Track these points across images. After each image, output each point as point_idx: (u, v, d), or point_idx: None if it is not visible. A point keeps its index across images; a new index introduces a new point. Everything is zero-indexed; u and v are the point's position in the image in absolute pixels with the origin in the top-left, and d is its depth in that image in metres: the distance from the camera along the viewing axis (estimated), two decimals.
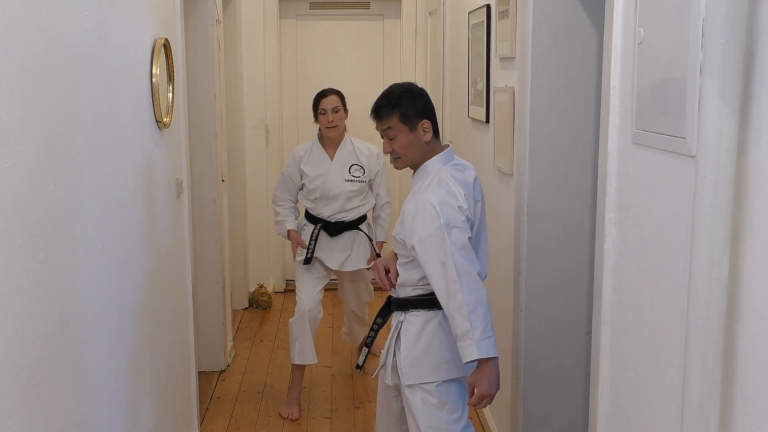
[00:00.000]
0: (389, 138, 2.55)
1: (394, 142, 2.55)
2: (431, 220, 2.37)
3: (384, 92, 2.61)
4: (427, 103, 2.57)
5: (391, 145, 2.56)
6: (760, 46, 1.27)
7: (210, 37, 4.22)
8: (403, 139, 2.54)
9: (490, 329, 2.35)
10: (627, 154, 1.86)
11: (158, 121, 2.71)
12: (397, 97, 2.55)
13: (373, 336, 2.76)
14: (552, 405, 3.02)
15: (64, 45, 1.77)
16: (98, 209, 2.01)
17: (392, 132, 2.53)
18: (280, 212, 4.01)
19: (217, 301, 4.39)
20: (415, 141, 2.53)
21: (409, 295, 2.54)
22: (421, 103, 2.55)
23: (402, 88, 2.59)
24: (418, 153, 2.55)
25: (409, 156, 2.56)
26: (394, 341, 2.62)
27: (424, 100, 2.57)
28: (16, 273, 1.46)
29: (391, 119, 2.53)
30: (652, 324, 1.72)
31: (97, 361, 1.97)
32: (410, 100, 2.54)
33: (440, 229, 2.35)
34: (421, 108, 2.54)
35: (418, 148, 2.54)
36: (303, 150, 4.00)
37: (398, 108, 2.53)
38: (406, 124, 2.52)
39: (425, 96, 2.59)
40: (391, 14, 6.02)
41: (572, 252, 2.91)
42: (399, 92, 2.57)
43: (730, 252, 1.32)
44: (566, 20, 2.77)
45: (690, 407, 1.37)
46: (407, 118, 2.52)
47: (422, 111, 2.54)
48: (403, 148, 2.55)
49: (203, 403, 3.93)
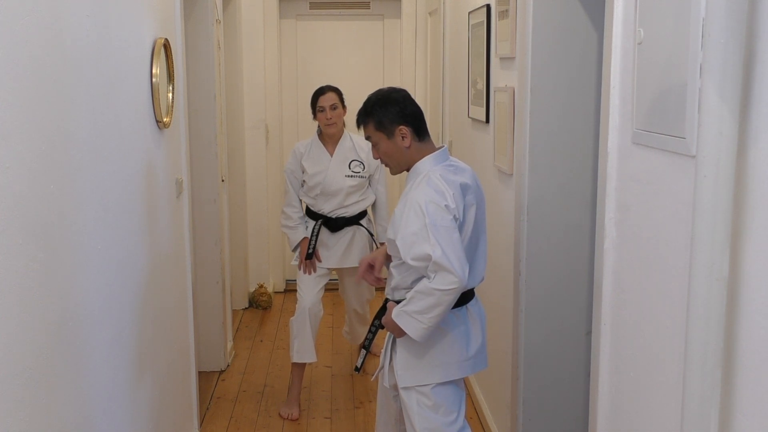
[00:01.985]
0: (373, 145, 2.59)
1: (377, 149, 2.58)
2: (416, 219, 2.37)
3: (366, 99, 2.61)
4: (405, 108, 2.53)
5: (377, 152, 2.59)
6: (760, 46, 1.27)
7: (210, 37, 4.22)
8: (384, 147, 2.56)
9: (427, 321, 2.39)
10: (627, 154, 1.85)
11: (158, 121, 2.71)
12: (371, 105, 2.56)
13: (370, 338, 2.77)
14: (552, 405, 3.02)
15: (64, 45, 1.77)
16: (98, 209, 2.01)
17: (373, 140, 2.57)
18: (292, 217, 4.00)
19: (217, 301, 4.39)
20: (395, 147, 2.54)
21: (403, 297, 2.53)
22: (395, 108, 2.52)
23: (377, 95, 2.58)
24: (402, 158, 2.55)
25: (393, 162, 2.58)
26: (390, 343, 2.62)
27: (400, 105, 2.53)
28: (16, 273, 1.46)
29: (368, 128, 2.56)
30: (652, 324, 1.72)
31: (97, 361, 1.97)
32: (383, 108, 2.53)
33: (425, 228, 2.34)
34: (396, 114, 2.51)
35: (400, 154, 2.54)
36: (303, 146, 4.01)
37: (371, 117, 2.54)
38: (381, 132, 2.54)
39: (402, 101, 2.55)
40: (391, 14, 6.02)
41: (572, 252, 2.91)
42: (373, 100, 2.57)
43: (730, 252, 1.32)
44: (566, 20, 2.77)
45: (690, 407, 1.37)
46: (382, 126, 2.53)
47: (398, 117, 2.51)
48: (386, 156, 2.58)
49: (203, 403, 3.93)
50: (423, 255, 2.33)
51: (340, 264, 4.03)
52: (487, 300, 3.65)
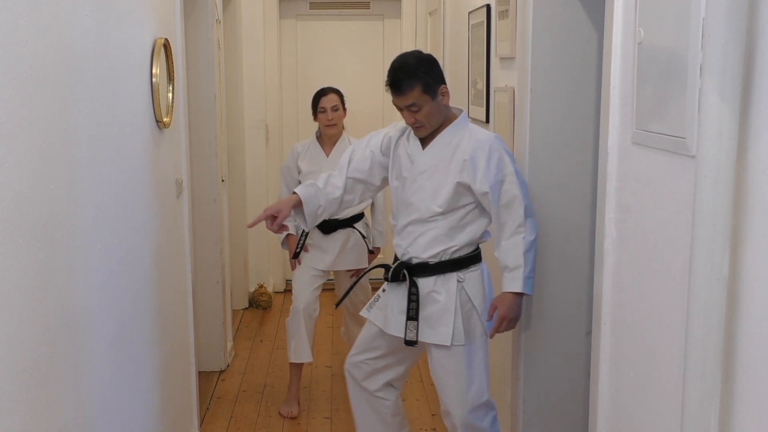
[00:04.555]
0: (414, 110, 2.59)
1: (417, 113, 2.59)
2: (502, 165, 2.58)
3: (398, 65, 2.62)
4: (439, 67, 2.66)
5: (414, 116, 2.60)
6: (760, 46, 1.27)
7: (210, 37, 4.22)
8: (427, 108, 2.59)
9: (534, 271, 2.62)
10: (627, 154, 1.85)
11: (158, 121, 2.71)
12: (415, 68, 2.58)
13: (415, 307, 2.70)
14: (552, 405, 3.02)
15: (64, 45, 1.77)
16: (98, 209, 2.01)
17: (418, 104, 2.58)
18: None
19: (217, 301, 4.39)
20: (438, 107, 2.61)
21: (465, 253, 2.69)
22: (437, 69, 2.63)
23: (417, 58, 2.63)
24: (441, 117, 2.65)
25: (434, 122, 2.64)
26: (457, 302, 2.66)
27: (437, 64, 2.65)
28: (16, 273, 1.46)
29: (413, 92, 2.57)
30: (652, 324, 1.72)
31: (97, 361, 1.97)
32: (428, 70, 2.59)
33: (513, 174, 2.57)
34: (438, 74, 2.62)
35: (441, 113, 2.64)
36: (301, 146, 4.02)
37: (418, 80, 2.56)
38: (428, 94, 2.57)
39: (436, 61, 2.67)
40: (391, 14, 6.02)
41: (572, 252, 2.91)
42: (415, 63, 2.60)
43: (730, 252, 1.32)
44: (566, 20, 2.77)
45: (690, 407, 1.37)
46: (429, 88, 2.58)
47: (440, 76, 2.63)
48: (428, 116, 2.61)
49: (203, 403, 3.92)
50: (515, 199, 2.56)
51: (334, 266, 4.02)
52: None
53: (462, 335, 2.67)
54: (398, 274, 2.69)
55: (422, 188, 2.66)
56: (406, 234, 2.71)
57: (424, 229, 2.66)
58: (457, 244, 2.66)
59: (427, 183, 2.65)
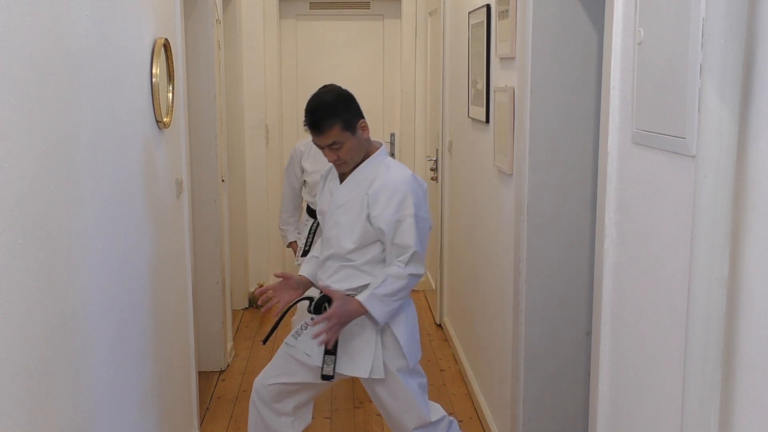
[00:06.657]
0: (335, 148, 2.57)
1: (339, 150, 2.58)
2: (401, 207, 2.53)
3: (315, 104, 2.58)
4: (356, 102, 2.64)
5: (336, 153, 2.59)
6: (760, 46, 1.27)
7: (210, 37, 4.22)
8: (348, 145, 2.58)
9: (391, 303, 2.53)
10: (627, 154, 1.86)
11: (158, 121, 2.71)
12: (333, 107, 2.55)
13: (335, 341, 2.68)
14: (552, 405, 3.02)
15: (64, 45, 1.77)
16: (98, 209, 2.01)
17: (339, 141, 2.56)
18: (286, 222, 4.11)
19: (217, 301, 4.39)
20: (358, 142, 2.60)
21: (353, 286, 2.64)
22: (355, 104, 2.62)
23: (333, 95, 2.60)
24: (363, 151, 2.64)
25: (356, 157, 2.63)
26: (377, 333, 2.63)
27: (354, 99, 2.63)
28: (16, 273, 1.46)
29: (333, 130, 2.53)
30: (652, 324, 1.72)
31: (97, 361, 1.97)
32: (346, 106, 2.58)
33: (411, 217, 2.52)
34: (357, 109, 2.61)
35: (362, 147, 2.63)
36: (303, 146, 4.02)
37: (338, 118, 2.54)
38: (348, 131, 2.56)
39: (353, 96, 2.65)
40: (391, 14, 6.02)
41: (572, 252, 2.91)
42: (332, 101, 2.57)
43: (730, 252, 1.32)
44: (566, 20, 2.77)
45: (690, 407, 1.37)
46: (349, 125, 2.56)
47: (358, 112, 2.61)
48: (349, 153, 2.60)
49: (203, 403, 3.93)
50: (406, 244, 2.52)
51: None
52: (487, 300, 3.65)
53: (381, 369, 2.61)
54: (320, 307, 2.64)
55: (338, 223, 2.63)
56: (326, 268, 2.69)
57: (340, 264, 2.64)
58: (377, 277, 2.59)
59: (342, 218, 2.62)
